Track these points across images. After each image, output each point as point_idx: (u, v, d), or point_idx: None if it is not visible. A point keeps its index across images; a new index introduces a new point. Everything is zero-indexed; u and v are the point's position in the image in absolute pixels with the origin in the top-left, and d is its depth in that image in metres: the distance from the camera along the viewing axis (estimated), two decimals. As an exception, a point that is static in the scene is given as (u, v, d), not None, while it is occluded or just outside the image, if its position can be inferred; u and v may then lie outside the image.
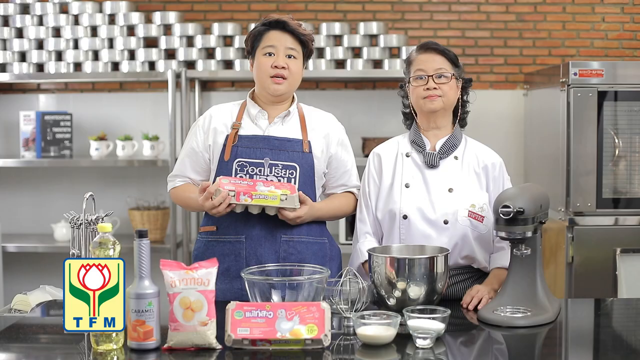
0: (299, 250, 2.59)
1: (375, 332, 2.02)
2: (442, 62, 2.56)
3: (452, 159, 2.58)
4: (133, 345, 1.99)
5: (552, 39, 4.61)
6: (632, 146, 3.83)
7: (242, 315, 2.00)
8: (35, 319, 2.37)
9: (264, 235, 2.57)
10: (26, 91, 4.69)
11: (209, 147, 2.64)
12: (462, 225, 2.50)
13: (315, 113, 2.72)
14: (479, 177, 2.58)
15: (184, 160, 2.69)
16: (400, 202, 2.54)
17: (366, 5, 4.62)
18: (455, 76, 2.57)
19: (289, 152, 2.59)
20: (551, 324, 2.26)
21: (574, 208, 3.76)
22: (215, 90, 4.65)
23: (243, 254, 2.57)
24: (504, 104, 4.60)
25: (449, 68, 2.56)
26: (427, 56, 2.58)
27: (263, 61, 2.59)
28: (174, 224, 4.32)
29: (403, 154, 2.63)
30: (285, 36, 2.59)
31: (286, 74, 2.57)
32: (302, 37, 2.61)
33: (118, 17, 4.42)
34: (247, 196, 2.44)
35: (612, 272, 3.73)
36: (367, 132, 4.50)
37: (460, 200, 2.52)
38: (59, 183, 4.65)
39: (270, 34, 2.60)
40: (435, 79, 2.54)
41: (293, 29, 2.59)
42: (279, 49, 2.58)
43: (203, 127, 2.66)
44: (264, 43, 2.60)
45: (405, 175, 2.58)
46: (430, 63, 2.56)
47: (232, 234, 2.59)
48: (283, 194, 2.45)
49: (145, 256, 2.00)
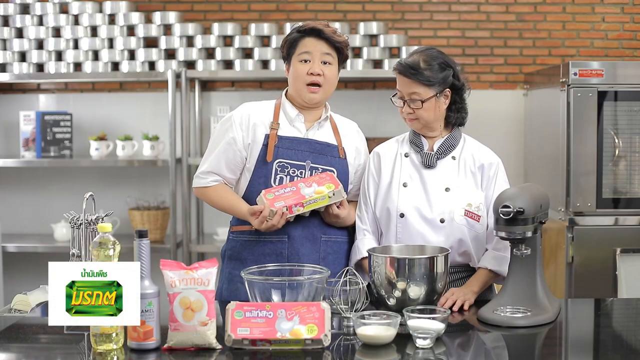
0: (335, 249, 2.62)
1: (375, 332, 2.02)
2: (415, 87, 2.49)
3: (450, 159, 2.58)
4: (133, 345, 1.99)
5: (552, 39, 4.61)
6: (632, 146, 3.83)
7: (242, 315, 2.00)
8: (35, 319, 2.37)
9: (306, 236, 2.58)
10: (26, 91, 4.69)
11: (248, 145, 2.61)
12: (458, 224, 2.51)
13: (343, 121, 2.76)
14: (475, 176, 2.58)
15: (219, 157, 2.63)
16: (398, 200, 2.55)
17: (366, 5, 4.63)
18: (435, 95, 2.50)
19: (328, 157, 2.62)
20: (551, 324, 2.25)
21: (574, 208, 3.76)
22: (215, 90, 4.65)
23: (285, 253, 2.57)
24: (504, 104, 4.60)
25: (423, 92, 2.49)
26: (401, 79, 2.53)
27: (299, 68, 2.59)
28: (174, 224, 4.32)
29: (402, 154, 2.63)
30: (320, 43, 2.59)
31: (321, 80, 2.58)
32: (338, 44, 2.61)
33: (118, 17, 4.42)
34: (299, 207, 2.47)
35: (612, 272, 3.73)
36: (367, 132, 4.45)
37: (457, 199, 2.52)
38: (59, 183, 4.65)
39: (305, 41, 2.60)
40: (410, 103, 2.52)
41: (329, 36, 2.59)
42: (314, 56, 2.58)
43: (241, 124, 2.62)
44: (300, 49, 2.60)
45: (404, 175, 2.59)
46: (405, 87, 2.52)
47: (274, 233, 2.57)
48: (329, 189, 2.49)
49: (145, 256, 2.00)
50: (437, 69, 2.51)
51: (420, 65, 2.49)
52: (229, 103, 4.55)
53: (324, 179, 2.53)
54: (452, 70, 2.54)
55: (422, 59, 2.51)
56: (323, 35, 2.59)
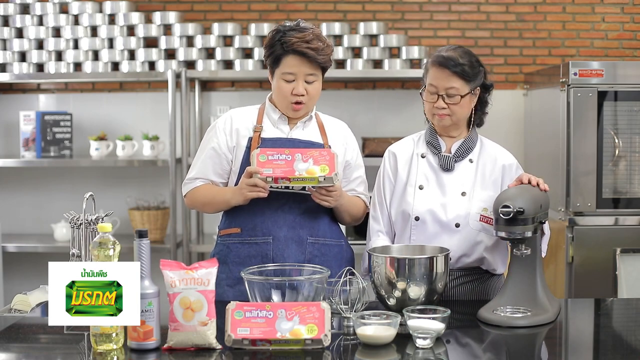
0: (323, 252, 2.62)
1: (375, 332, 2.03)
2: (454, 81, 2.47)
3: (467, 162, 2.57)
4: (133, 345, 1.99)
5: (552, 39, 4.60)
6: (632, 146, 3.83)
7: (242, 315, 2.00)
8: (35, 319, 2.37)
9: (292, 237, 2.58)
10: (26, 91, 4.69)
11: (232, 148, 2.63)
12: (473, 229, 2.50)
13: (331, 120, 2.74)
14: (494, 179, 2.56)
15: (206, 162, 2.65)
16: (413, 203, 2.54)
17: (366, 5, 4.62)
18: (469, 92, 2.50)
19: None
20: (551, 324, 2.26)
21: (574, 208, 3.76)
22: (215, 90, 4.65)
23: (270, 255, 2.57)
24: (504, 104, 4.59)
25: (460, 87, 2.47)
26: (439, 72, 2.48)
27: (283, 86, 2.57)
28: (174, 224, 4.32)
29: (418, 154, 2.61)
30: (304, 63, 2.54)
31: (305, 99, 2.57)
32: (322, 64, 2.57)
33: (118, 17, 4.42)
34: (285, 180, 2.44)
35: (612, 272, 3.73)
36: (367, 132, 4.50)
37: (472, 204, 2.51)
38: (59, 183, 4.65)
39: (289, 60, 2.54)
40: (445, 98, 2.49)
41: (313, 57, 2.53)
42: (298, 76, 2.55)
43: (224, 129, 2.65)
44: (283, 68, 2.55)
45: (420, 177, 2.57)
46: (442, 81, 2.48)
47: (259, 235, 2.58)
48: (322, 173, 2.44)
49: (145, 256, 2.00)
50: (476, 65, 2.51)
51: (460, 60, 2.47)
52: (229, 103, 4.55)
53: (323, 158, 2.47)
54: (483, 69, 2.54)
55: (458, 55, 2.49)
56: (306, 56, 2.53)
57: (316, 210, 2.60)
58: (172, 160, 4.25)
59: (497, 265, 2.57)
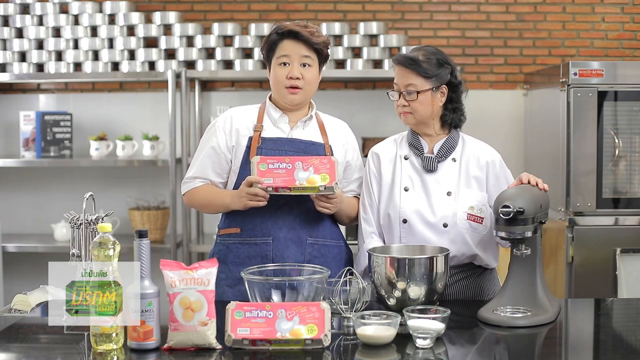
0: (322, 253, 2.62)
1: (375, 332, 2.03)
2: (412, 78, 2.50)
3: (450, 162, 2.57)
4: (133, 345, 1.99)
5: (552, 39, 4.61)
6: (632, 146, 3.83)
7: (242, 315, 2.00)
8: (35, 319, 2.37)
9: (291, 238, 2.58)
10: (26, 91, 4.69)
11: (232, 147, 2.63)
12: (461, 228, 2.51)
13: (332, 120, 2.75)
14: (478, 177, 2.57)
15: (204, 161, 2.65)
16: (400, 206, 2.55)
17: (366, 5, 4.63)
18: (431, 88, 2.51)
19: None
20: (551, 324, 2.26)
21: (574, 208, 3.76)
22: (215, 90, 4.65)
23: (270, 255, 2.56)
24: (504, 104, 4.60)
25: (419, 84, 2.49)
26: (399, 70, 2.53)
27: (278, 71, 2.58)
28: (174, 224, 4.32)
29: (401, 156, 2.62)
30: (299, 45, 2.57)
31: (301, 84, 2.58)
32: (317, 45, 2.59)
33: (118, 17, 4.42)
34: (285, 190, 2.44)
35: (612, 272, 3.73)
36: (367, 132, 4.50)
37: (459, 203, 2.52)
38: (59, 183, 4.65)
39: (284, 44, 2.58)
40: (405, 95, 2.52)
41: (307, 38, 2.56)
42: (293, 59, 2.57)
43: (224, 129, 2.64)
44: (279, 53, 2.58)
45: (404, 179, 2.58)
46: (401, 78, 2.52)
47: (258, 235, 2.58)
48: (322, 182, 2.44)
49: (145, 256, 2.00)
50: (435, 63, 2.52)
51: (418, 58, 2.50)
52: (229, 103, 4.54)
53: (324, 167, 2.46)
54: (450, 67, 2.54)
55: (421, 54, 2.52)
56: (301, 38, 2.56)
57: (316, 212, 2.59)
58: (172, 160, 4.25)
59: (490, 260, 2.58)
